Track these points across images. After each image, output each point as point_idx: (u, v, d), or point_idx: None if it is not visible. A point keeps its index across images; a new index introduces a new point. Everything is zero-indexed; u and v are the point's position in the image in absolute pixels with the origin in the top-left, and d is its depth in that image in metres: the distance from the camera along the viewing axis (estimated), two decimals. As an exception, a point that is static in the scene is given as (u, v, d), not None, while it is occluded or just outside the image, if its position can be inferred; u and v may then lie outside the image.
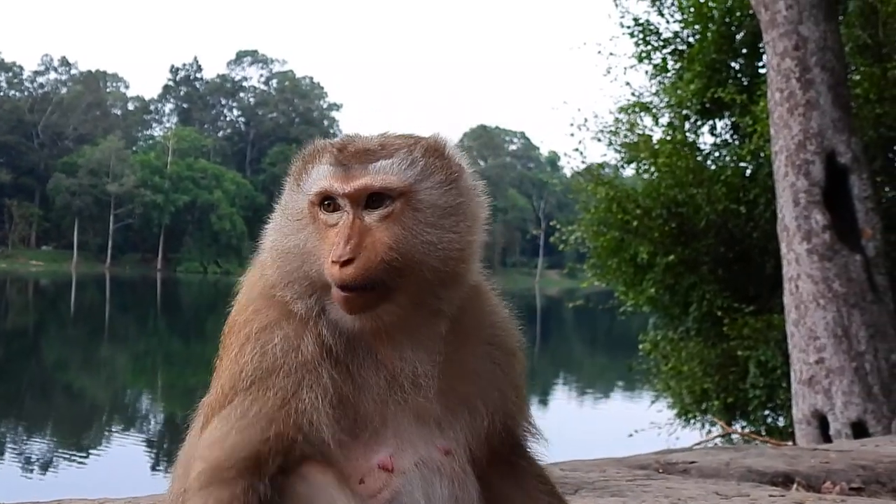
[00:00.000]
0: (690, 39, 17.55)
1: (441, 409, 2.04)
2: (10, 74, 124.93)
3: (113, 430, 26.90)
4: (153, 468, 21.88)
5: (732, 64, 17.31)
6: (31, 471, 20.48)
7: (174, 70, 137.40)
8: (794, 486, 4.89)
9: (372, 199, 2.04)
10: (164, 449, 23.83)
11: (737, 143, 17.39)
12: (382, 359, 2.01)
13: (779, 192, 11.40)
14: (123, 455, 22.62)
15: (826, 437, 10.62)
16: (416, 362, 2.01)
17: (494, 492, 2.19)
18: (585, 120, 18.66)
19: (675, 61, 17.86)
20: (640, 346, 18.32)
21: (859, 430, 10.43)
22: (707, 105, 16.88)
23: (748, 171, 16.82)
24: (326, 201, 2.07)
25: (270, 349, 1.99)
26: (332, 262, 1.97)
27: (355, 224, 2.00)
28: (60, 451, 22.79)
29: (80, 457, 22.30)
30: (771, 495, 4.22)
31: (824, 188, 10.95)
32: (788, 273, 11.14)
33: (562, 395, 34.26)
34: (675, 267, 16.29)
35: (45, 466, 21.03)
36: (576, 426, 21.25)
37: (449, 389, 2.04)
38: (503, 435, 2.19)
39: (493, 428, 2.15)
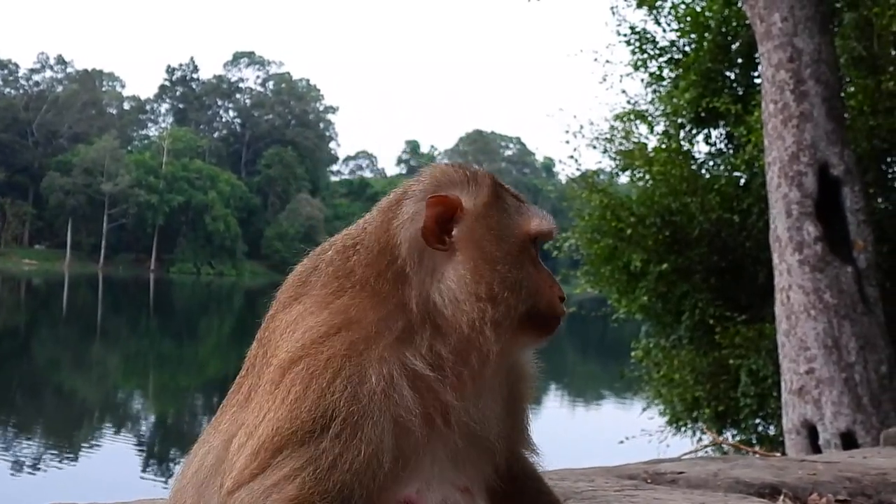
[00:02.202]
0: (686, 49, 17.62)
1: (468, 447, 2.07)
2: (6, 72, 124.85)
3: (104, 430, 26.87)
4: (143, 469, 21.88)
5: (728, 74, 17.38)
6: (21, 471, 20.44)
7: (170, 70, 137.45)
8: (781, 497, 4.92)
9: None
10: (155, 450, 23.82)
11: (731, 152, 17.45)
12: (451, 397, 2.04)
13: (772, 203, 11.45)
14: (114, 456, 22.60)
15: (815, 448, 10.67)
16: (491, 402, 2.14)
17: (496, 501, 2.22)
18: (581, 127, 18.71)
19: (671, 70, 17.92)
20: (633, 354, 18.36)
21: (848, 440, 10.48)
22: (702, 114, 16.94)
23: (742, 181, 16.88)
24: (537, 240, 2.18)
25: (360, 393, 1.92)
26: (560, 297, 2.14)
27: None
28: (51, 451, 22.75)
29: (71, 457, 22.27)
30: (757, 507, 4.27)
31: (817, 200, 11.00)
32: (780, 283, 11.19)
33: (554, 401, 34.29)
34: (668, 275, 16.34)
35: (35, 467, 20.99)
36: (567, 432, 21.28)
37: (481, 427, 2.08)
38: (511, 459, 2.24)
39: (508, 455, 2.21)
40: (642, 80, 18.47)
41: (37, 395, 32.02)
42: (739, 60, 17.16)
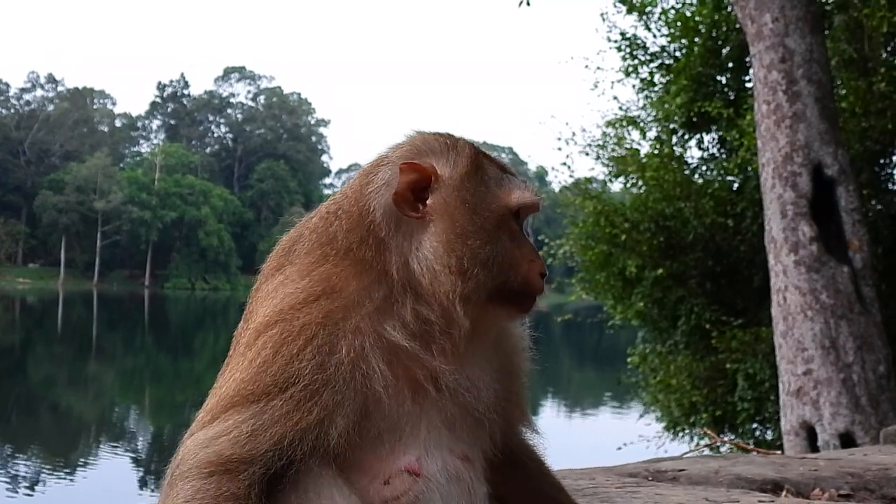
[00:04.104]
0: (677, 54, 17.66)
1: (464, 415, 2.06)
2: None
3: (100, 447, 26.78)
4: (141, 486, 21.78)
5: (719, 78, 17.42)
6: (18, 489, 20.33)
7: (161, 86, 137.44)
8: (784, 492, 4.89)
9: None
10: (152, 467, 23.72)
11: (724, 156, 17.48)
12: (444, 365, 2.03)
13: (766, 204, 11.45)
14: (111, 473, 22.51)
15: (814, 449, 10.64)
16: (479, 371, 2.11)
17: (502, 487, 2.22)
18: (573, 134, 18.76)
19: (662, 75, 17.96)
20: (629, 360, 18.35)
21: (847, 441, 10.45)
22: (694, 119, 16.97)
23: (735, 185, 16.91)
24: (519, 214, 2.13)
25: (327, 363, 1.92)
26: (540, 273, 2.08)
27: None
28: (47, 469, 22.65)
29: (68, 475, 22.17)
30: (760, 501, 4.22)
31: (811, 200, 11.00)
32: (776, 285, 11.18)
33: (551, 409, 34.26)
34: (664, 280, 16.34)
35: (33, 485, 20.90)
36: (565, 439, 21.22)
37: (472, 395, 2.06)
38: (509, 434, 2.23)
39: (505, 429, 2.20)
40: (633, 86, 18.53)
41: (33, 413, 31.91)
42: (730, 64, 17.21)
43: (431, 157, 2.08)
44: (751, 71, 13.10)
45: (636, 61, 18.10)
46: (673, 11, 17.61)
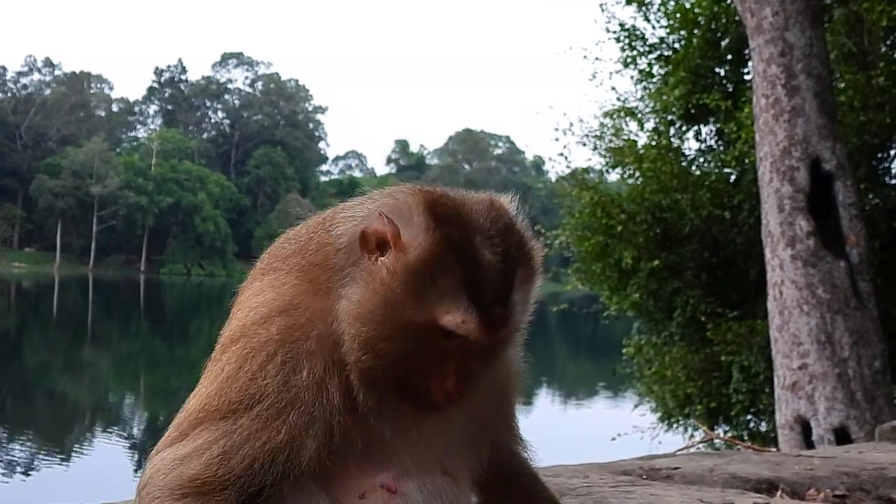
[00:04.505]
0: (676, 45, 17.62)
1: (446, 432, 2.02)
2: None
3: (96, 432, 26.81)
4: (137, 470, 21.80)
5: (717, 70, 17.38)
6: (13, 474, 20.35)
7: (158, 72, 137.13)
8: (779, 492, 4.88)
9: None
10: (147, 453, 23.75)
11: (721, 149, 17.46)
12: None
13: (763, 198, 11.43)
14: (107, 457, 22.55)
15: (808, 443, 10.65)
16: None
17: (495, 501, 2.21)
18: (571, 124, 18.71)
19: (661, 67, 17.92)
20: (624, 351, 18.37)
21: (842, 435, 10.46)
22: (692, 111, 16.94)
23: (732, 177, 16.89)
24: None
25: (293, 381, 1.86)
26: (448, 393, 1.88)
27: (471, 363, 1.90)
28: (42, 454, 22.67)
29: (63, 460, 22.20)
30: (755, 502, 4.21)
31: (809, 194, 10.99)
32: (772, 279, 11.17)
33: (546, 399, 34.33)
34: (660, 272, 16.33)
35: (28, 469, 20.92)
36: (559, 430, 21.29)
37: (455, 412, 2.00)
38: (499, 448, 2.19)
39: (493, 445, 2.16)
40: (632, 77, 18.49)
41: (28, 398, 31.93)
42: (729, 57, 17.16)
43: (405, 224, 1.86)
44: (750, 64, 13.07)
45: (635, 52, 18.06)
46: (672, 3, 17.56)
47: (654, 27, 17.94)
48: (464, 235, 1.85)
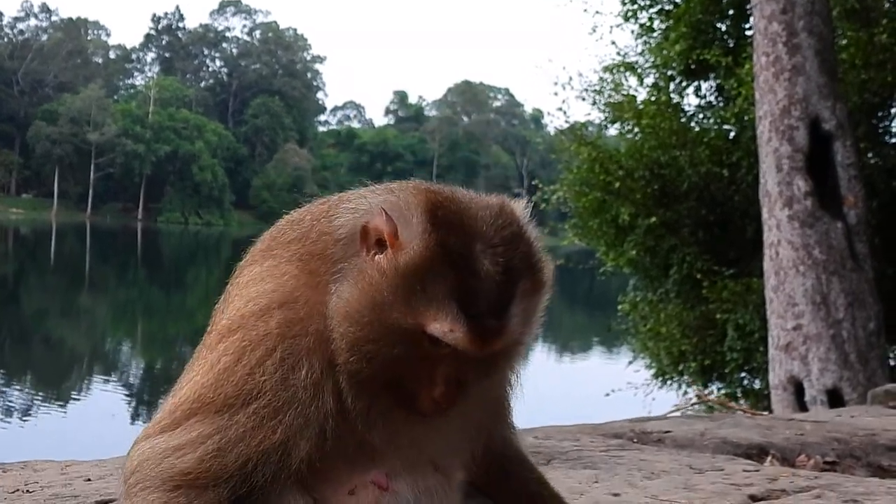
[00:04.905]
0: (677, -1, 17.40)
1: (438, 427, 1.96)
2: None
3: (93, 379, 26.93)
4: (133, 418, 21.94)
5: (719, 25, 17.19)
6: (11, 419, 20.46)
7: (156, 19, 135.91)
8: (769, 458, 4.87)
9: None
10: (144, 398, 23.88)
11: (721, 105, 17.32)
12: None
13: (762, 158, 11.36)
14: (103, 404, 22.66)
15: (801, 404, 10.68)
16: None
17: (490, 489, 2.17)
18: (570, 79, 18.64)
19: (662, 21, 17.71)
20: (619, 307, 18.38)
21: (834, 397, 10.49)
22: (692, 66, 16.78)
23: (732, 134, 16.77)
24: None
25: (291, 380, 1.82)
26: (436, 402, 1.83)
27: (465, 373, 1.83)
28: (40, 399, 22.79)
29: (60, 406, 22.32)
30: (745, 469, 4.20)
31: (808, 154, 10.91)
32: (769, 239, 11.13)
33: (541, 353, 34.45)
34: (656, 229, 16.30)
35: (26, 413, 21.03)
36: (554, 385, 21.36)
37: (453, 417, 1.94)
38: (493, 439, 2.15)
39: (487, 438, 2.12)
40: (632, 32, 18.29)
41: (26, 344, 32.07)
42: (731, 12, 16.96)
43: (403, 223, 1.79)
44: (751, 20, 12.90)
45: (636, 6, 17.84)
46: (674, -44, 17.31)
47: (655, -20, 17.71)
48: (463, 242, 1.78)
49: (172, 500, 1.81)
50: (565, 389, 22.23)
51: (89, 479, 3.65)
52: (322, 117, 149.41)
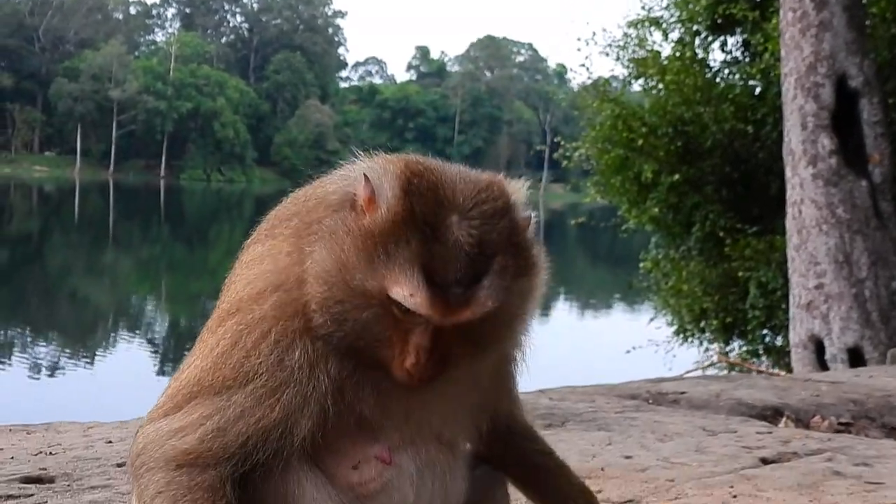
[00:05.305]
0: (704, -48, 17.13)
1: (441, 402, 1.99)
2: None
3: (119, 334, 27.22)
4: (158, 373, 22.19)
5: (746, -22, 16.92)
6: (39, 375, 20.74)
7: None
8: (783, 419, 4.87)
9: None
10: (169, 355, 24.14)
11: (747, 61, 17.12)
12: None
13: (786, 115, 11.23)
14: (129, 360, 22.91)
15: (822, 363, 10.66)
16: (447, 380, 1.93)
17: (496, 459, 2.20)
18: (594, 34, 18.45)
19: (688, -26, 17.45)
20: (641, 265, 18.37)
21: (855, 356, 10.45)
22: (718, 21, 16.56)
23: (757, 90, 16.62)
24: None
25: (286, 361, 1.85)
26: (407, 372, 1.82)
27: (435, 340, 1.81)
28: (67, 354, 23.06)
29: (87, 362, 22.59)
30: (758, 432, 4.21)
31: (833, 112, 10.77)
32: (792, 198, 11.04)
33: (562, 310, 34.49)
34: (680, 186, 16.24)
35: (53, 370, 21.30)
36: (575, 340, 21.41)
37: (455, 382, 1.97)
38: (498, 414, 2.17)
39: (492, 412, 2.14)
40: (658, -14, 18.03)
41: (52, 301, 32.38)
42: (758, -35, 16.69)
43: (379, 189, 1.79)
44: (778, -27, 12.68)
45: (662, -41, 17.61)
46: None
47: (682, -68, 17.44)
48: (433, 210, 1.77)
49: (175, 479, 1.85)
50: (587, 346, 22.29)
51: (110, 442, 3.71)
52: (344, 73, 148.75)
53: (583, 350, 21.68)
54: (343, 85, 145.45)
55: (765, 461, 3.72)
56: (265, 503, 1.89)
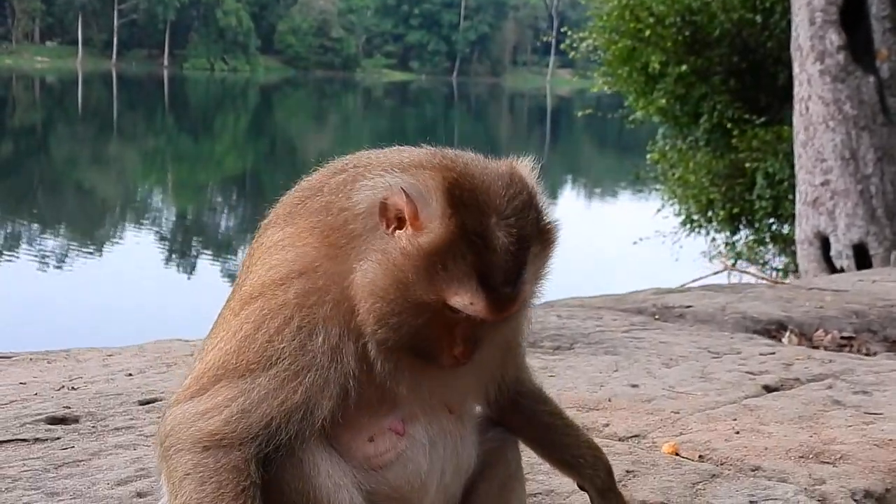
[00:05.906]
0: None
1: (459, 379, 2.10)
2: None
3: (126, 225, 27.37)
4: (166, 263, 22.43)
5: None
6: (47, 267, 20.96)
7: None
8: (787, 334, 4.98)
9: None
10: (176, 246, 24.34)
11: (756, -52, 16.73)
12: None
13: (794, 11, 11.05)
14: (136, 250, 23.11)
15: (827, 258, 10.74)
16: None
17: (507, 421, 2.32)
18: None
19: None
20: (648, 157, 18.36)
21: (860, 252, 10.53)
22: None
23: (767, -22, 16.28)
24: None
25: (309, 346, 1.94)
26: (455, 358, 1.97)
27: (478, 329, 1.97)
28: (74, 246, 23.24)
29: (95, 252, 22.78)
30: (762, 353, 4.31)
31: (841, 7, 10.58)
32: (799, 94, 10.96)
33: (570, 197, 34.56)
34: (687, 77, 16.11)
35: (61, 262, 21.51)
36: (581, 233, 21.52)
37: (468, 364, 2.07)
38: (506, 383, 2.28)
39: (501, 381, 2.25)
40: None
41: (57, 193, 32.45)
42: None
43: (423, 204, 1.87)
44: None
45: None
46: None
47: None
48: (479, 220, 1.88)
49: (202, 461, 1.94)
50: (594, 237, 22.40)
51: (130, 374, 3.81)
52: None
53: (591, 237, 21.81)
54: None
55: (767, 389, 3.83)
56: (283, 480, 1.97)
